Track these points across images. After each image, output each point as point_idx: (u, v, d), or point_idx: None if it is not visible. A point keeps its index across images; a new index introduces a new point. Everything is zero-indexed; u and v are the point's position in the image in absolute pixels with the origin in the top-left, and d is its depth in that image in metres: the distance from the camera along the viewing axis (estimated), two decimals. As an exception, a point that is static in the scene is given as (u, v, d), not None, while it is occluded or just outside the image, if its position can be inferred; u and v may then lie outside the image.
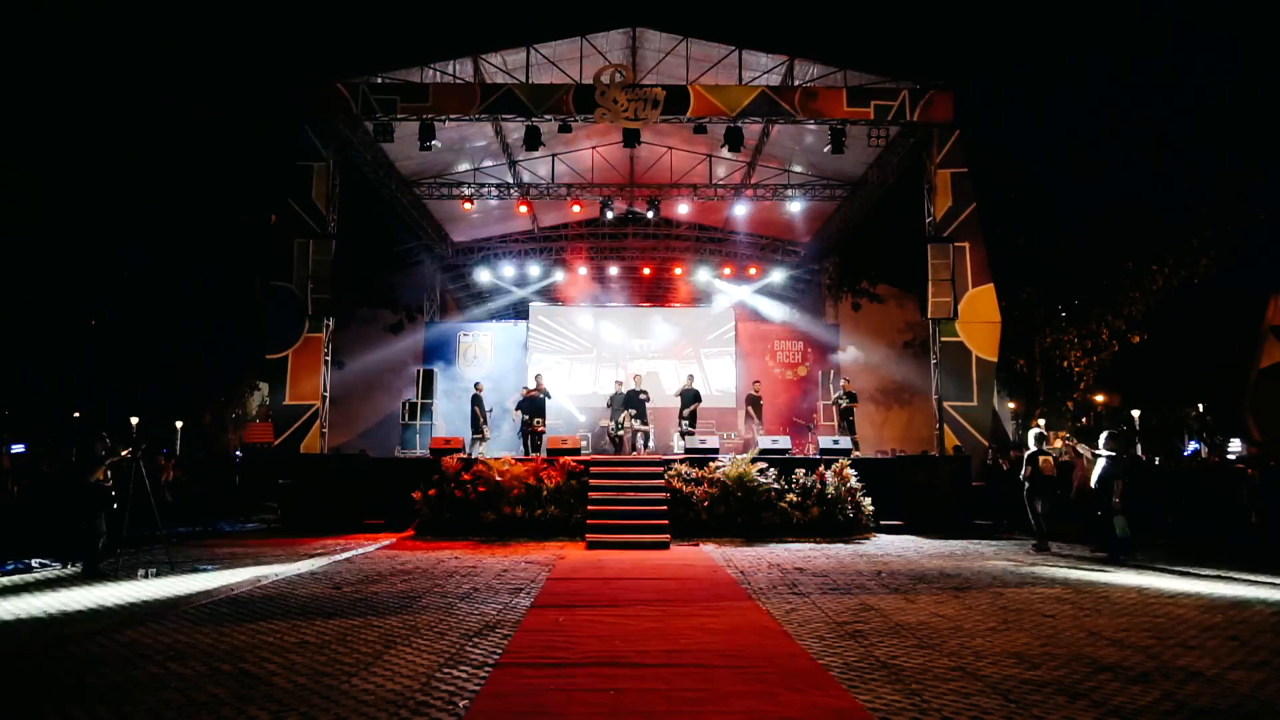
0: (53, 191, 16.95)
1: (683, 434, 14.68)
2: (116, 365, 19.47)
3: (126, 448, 8.88)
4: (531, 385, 15.13)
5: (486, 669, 4.60)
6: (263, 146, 16.77)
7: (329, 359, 14.02)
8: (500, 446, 16.68)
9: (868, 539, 11.22)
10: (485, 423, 15.28)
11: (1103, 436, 9.80)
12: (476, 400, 15.22)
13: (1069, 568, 8.76)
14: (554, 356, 19.86)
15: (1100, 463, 9.63)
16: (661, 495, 11.32)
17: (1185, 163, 16.46)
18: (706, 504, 11.31)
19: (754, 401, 16.72)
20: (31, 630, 5.67)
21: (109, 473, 8.72)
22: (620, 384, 15.44)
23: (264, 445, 19.42)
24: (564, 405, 18.66)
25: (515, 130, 15.64)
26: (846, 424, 15.00)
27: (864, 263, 21.23)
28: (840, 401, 15.37)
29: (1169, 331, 19.95)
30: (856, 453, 13.12)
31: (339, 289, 13.86)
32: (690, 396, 15.12)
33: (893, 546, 10.46)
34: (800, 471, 11.67)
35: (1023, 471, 10.45)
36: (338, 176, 14.25)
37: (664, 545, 10.33)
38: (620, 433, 14.53)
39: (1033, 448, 10.39)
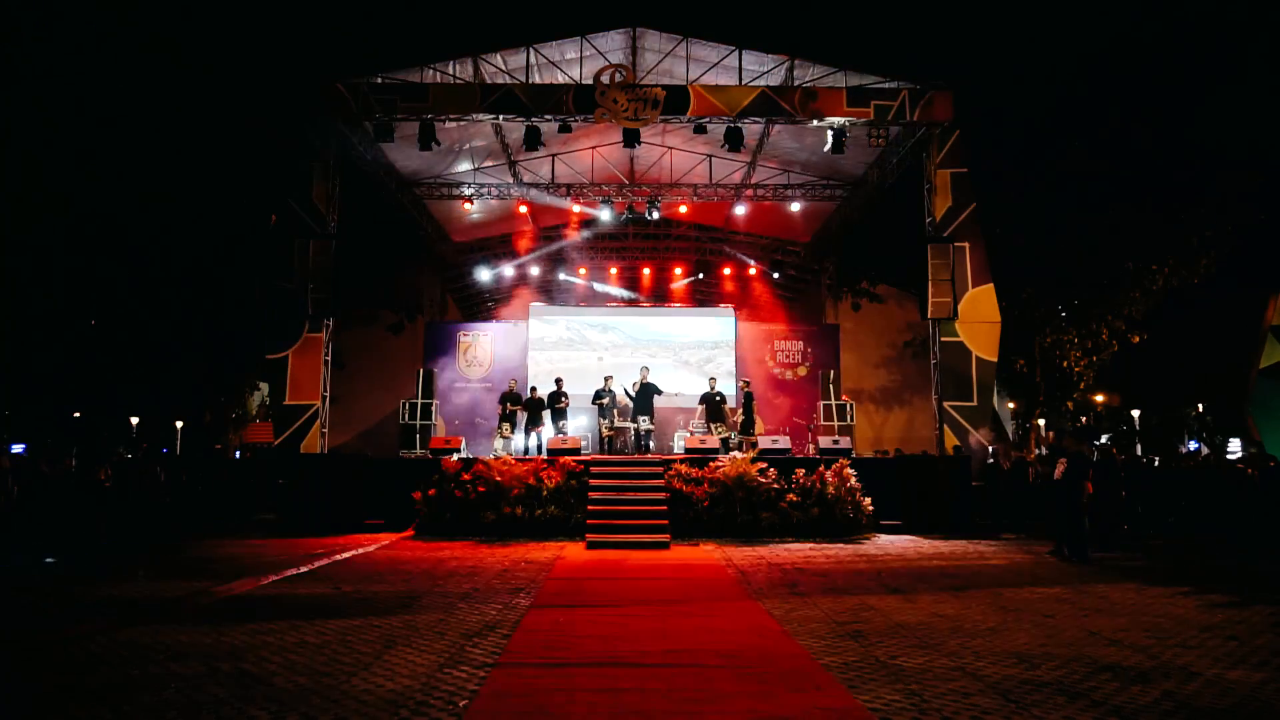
0: (53, 191, 16.95)
1: (639, 434, 14.03)
2: (116, 365, 19.47)
3: (127, 448, 8.90)
4: (529, 389, 15.11)
5: (486, 669, 4.60)
6: (263, 146, 16.76)
7: (329, 359, 14.01)
8: (485, 449, 16.43)
9: (868, 539, 11.22)
10: (511, 423, 14.74)
11: (1065, 435, 9.79)
12: (513, 398, 14.81)
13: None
14: (553, 357, 19.84)
15: (1063, 462, 9.63)
16: (661, 495, 11.32)
17: (1185, 163, 16.44)
18: (706, 504, 11.31)
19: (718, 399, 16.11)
20: (32, 628, 5.67)
21: (109, 472, 8.73)
22: (609, 379, 14.87)
23: (264, 445, 19.42)
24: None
25: (515, 130, 15.63)
26: (747, 419, 14.59)
27: (864, 263, 21.22)
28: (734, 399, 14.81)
29: (1169, 331, 19.95)
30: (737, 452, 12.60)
31: (339, 289, 13.85)
32: (647, 392, 14.41)
33: (893, 546, 10.47)
34: (800, 471, 11.67)
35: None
36: (338, 176, 14.24)
37: (664, 545, 10.33)
38: (610, 433, 14.39)
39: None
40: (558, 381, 14.82)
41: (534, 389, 15.25)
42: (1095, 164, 16.64)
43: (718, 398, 14.71)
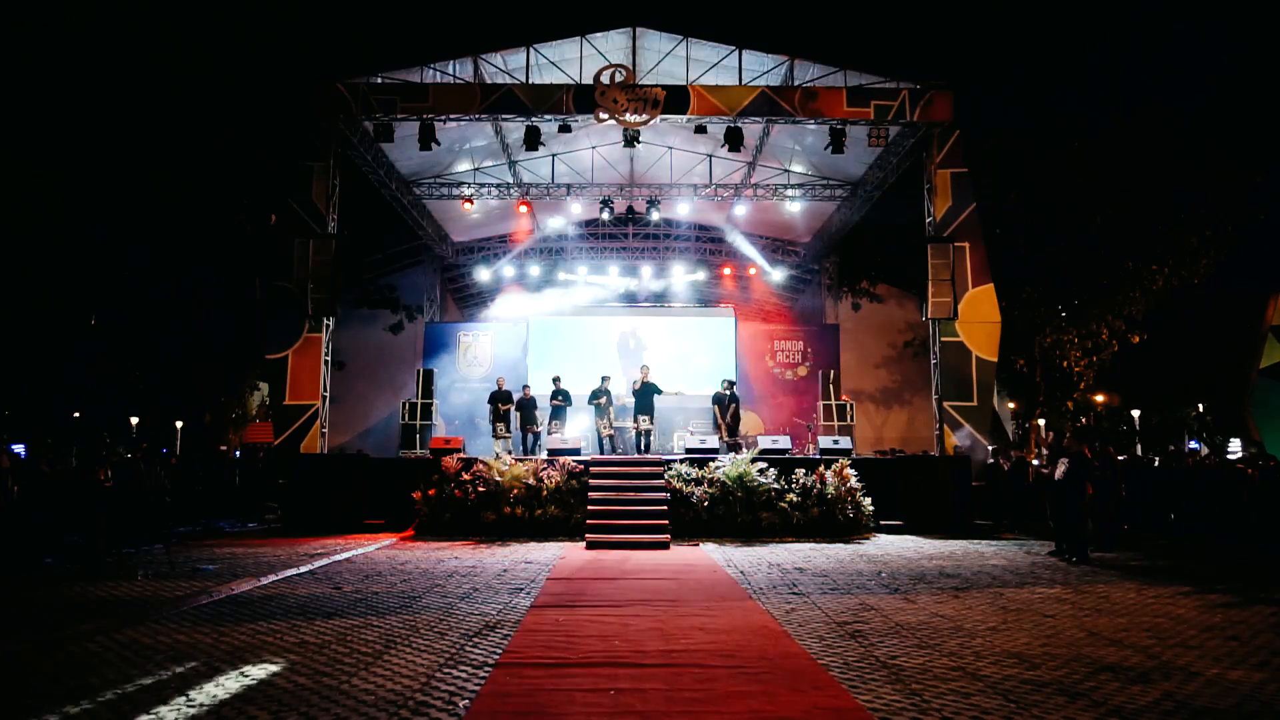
0: (53, 192, 16.95)
1: (639, 434, 13.95)
2: (116, 365, 19.48)
3: (127, 448, 8.91)
4: (531, 387, 15.08)
5: (486, 669, 4.60)
6: (263, 147, 16.77)
7: (329, 359, 14.01)
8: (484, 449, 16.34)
9: (868, 539, 11.22)
10: (504, 422, 14.63)
11: (1066, 435, 9.79)
12: (503, 398, 14.72)
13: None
14: (553, 357, 19.83)
15: (1063, 462, 9.63)
16: (661, 495, 11.32)
17: (1185, 163, 16.44)
18: (706, 504, 11.31)
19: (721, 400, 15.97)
20: (32, 629, 5.66)
21: (110, 472, 8.73)
22: (607, 379, 14.61)
23: (264, 445, 19.44)
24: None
25: (515, 130, 15.64)
26: (732, 423, 14.24)
27: (864, 263, 21.24)
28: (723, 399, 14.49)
29: (1169, 331, 19.95)
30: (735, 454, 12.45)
31: (339, 289, 13.85)
32: (647, 391, 14.30)
33: (893, 546, 10.46)
34: (800, 471, 11.67)
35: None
36: (338, 176, 14.24)
37: (664, 545, 10.33)
38: (610, 432, 14.34)
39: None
40: (555, 380, 14.75)
41: (526, 387, 15.17)
42: (1095, 163, 16.65)
43: (728, 398, 14.73)
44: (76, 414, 21.88)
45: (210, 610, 6.34)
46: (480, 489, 11.38)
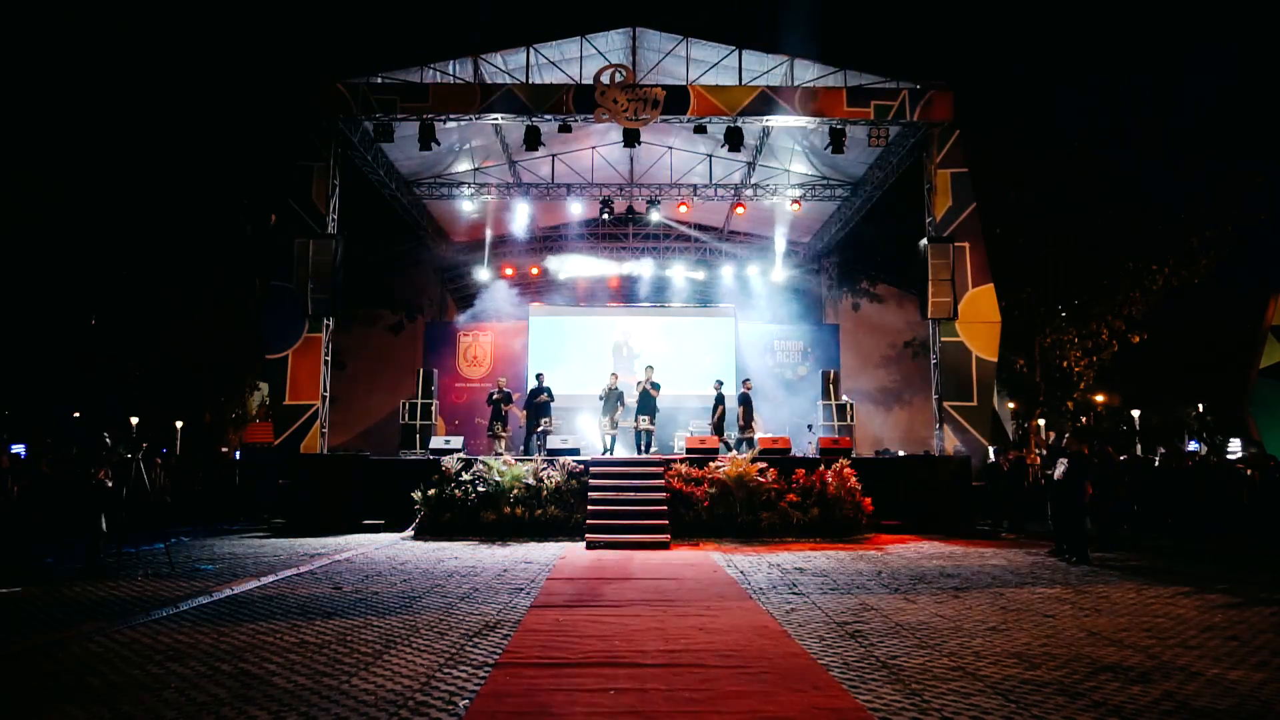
0: (53, 191, 16.96)
1: (640, 434, 13.94)
2: (116, 365, 19.49)
3: (127, 448, 8.90)
4: (534, 384, 15.06)
5: (486, 669, 4.60)
6: (263, 146, 16.76)
7: (329, 359, 14.00)
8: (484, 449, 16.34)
9: (868, 539, 11.22)
10: (503, 422, 14.71)
11: (1066, 435, 9.79)
12: (504, 398, 14.76)
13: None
14: (553, 357, 19.83)
15: (1062, 462, 9.62)
16: (661, 495, 11.32)
17: (1185, 163, 16.44)
18: (706, 504, 11.31)
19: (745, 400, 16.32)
20: (32, 629, 5.66)
21: (110, 472, 8.73)
22: (615, 377, 14.65)
23: (264, 445, 19.44)
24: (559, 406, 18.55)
25: (515, 130, 15.63)
26: (721, 422, 14.40)
27: (864, 263, 21.23)
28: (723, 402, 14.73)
29: (1169, 331, 19.95)
30: (732, 453, 12.55)
31: (339, 289, 13.84)
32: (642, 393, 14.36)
33: (892, 546, 10.47)
34: (800, 471, 11.67)
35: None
36: (338, 176, 14.23)
37: (664, 545, 10.33)
38: (614, 431, 14.31)
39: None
40: (538, 377, 14.75)
41: (539, 375, 15.19)
42: (1094, 163, 16.66)
43: (749, 399, 14.77)
44: (76, 414, 21.89)
45: (210, 610, 6.34)
46: (480, 489, 11.39)
